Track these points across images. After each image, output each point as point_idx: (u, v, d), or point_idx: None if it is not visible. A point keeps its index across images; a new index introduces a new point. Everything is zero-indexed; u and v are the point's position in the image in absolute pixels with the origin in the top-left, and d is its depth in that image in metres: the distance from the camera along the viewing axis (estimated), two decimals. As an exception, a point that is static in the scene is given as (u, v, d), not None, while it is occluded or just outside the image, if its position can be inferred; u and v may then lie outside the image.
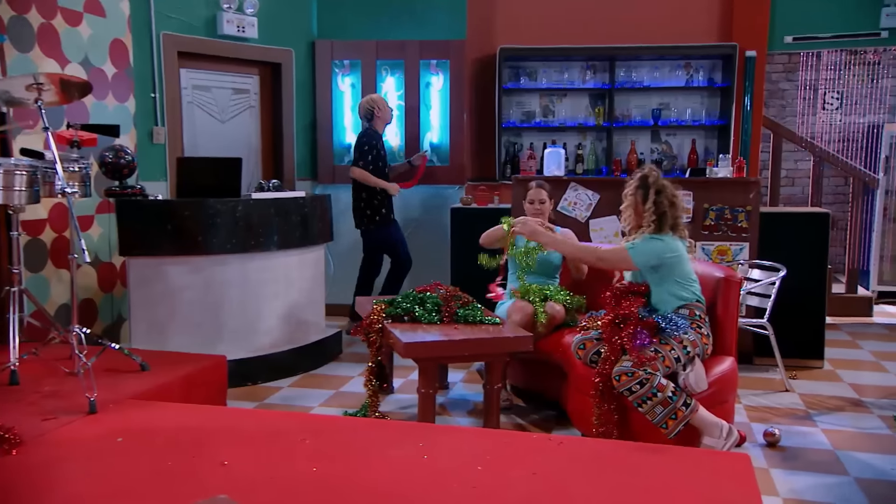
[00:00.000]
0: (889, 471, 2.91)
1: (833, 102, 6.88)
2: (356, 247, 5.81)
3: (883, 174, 6.34)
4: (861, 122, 6.85)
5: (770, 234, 4.40)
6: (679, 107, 5.88)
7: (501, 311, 3.70)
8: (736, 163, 4.47)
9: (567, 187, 4.53)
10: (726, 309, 3.18)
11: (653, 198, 3.07)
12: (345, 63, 5.73)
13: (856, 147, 6.80)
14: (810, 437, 3.29)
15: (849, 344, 5.00)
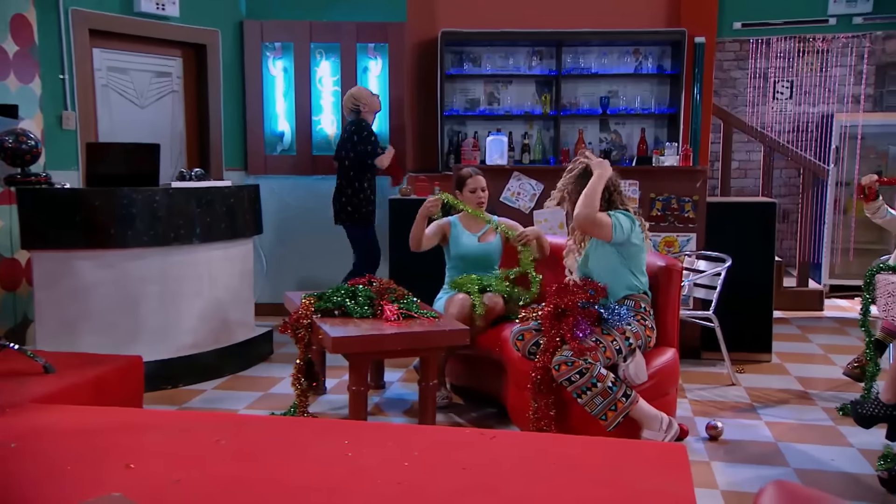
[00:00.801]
0: (829, 461, 3.05)
1: (784, 91, 7.15)
2: (292, 242, 5.78)
3: (833, 165, 6.62)
4: (812, 111, 7.14)
5: (717, 224, 4.55)
6: (628, 95, 6.02)
7: (439, 304, 3.74)
8: (682, 151, 4.59)
9: (510, 177, 4.60)
10: (667, 299, 3.28)
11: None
12: (276, 45, 5.68)
13: (807, 137, 7.08)
14: (753, 429, 3.42)
15: (798, 338, 5.20)
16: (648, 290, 3.21)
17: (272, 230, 5.67)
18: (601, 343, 2.96)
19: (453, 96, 6.00)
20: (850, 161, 6.63)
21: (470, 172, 3.91)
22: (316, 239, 5.70)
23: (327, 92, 5.65)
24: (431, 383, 3.21)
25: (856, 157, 6.61)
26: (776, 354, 4.69)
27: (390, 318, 3.23)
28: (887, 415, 2.91)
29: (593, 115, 5.99)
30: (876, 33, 6.69)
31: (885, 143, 6.68)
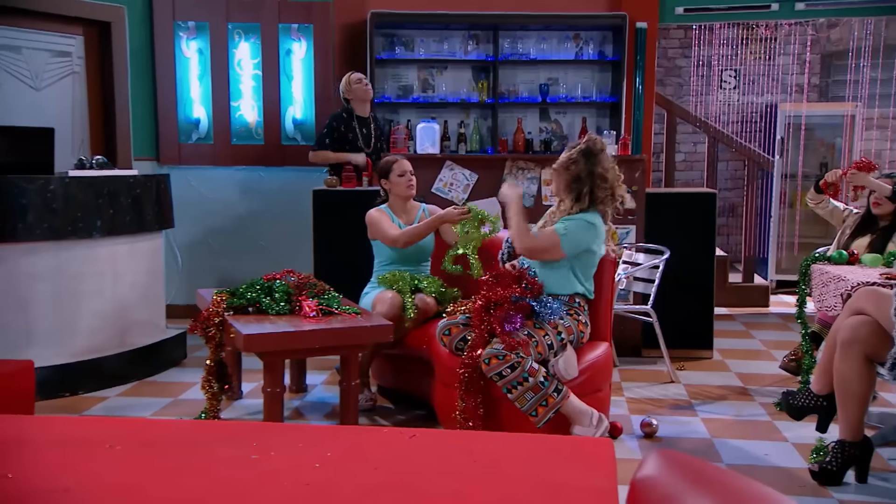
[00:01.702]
0: (762, 457, 3.19)
1: (730, 81, 7.41)
2: (211, 238, 5.70)
3: (779, 156, 6.89)
4: (758, 101, 7.42)
5: (658, 216, 4.69)
6: (569, 82, 6.15)
7: (365, 300, 3.76)
8: (621, 140, 4.72)
9: (442, 166, 4.65)
10: (600, 291, 3.37)
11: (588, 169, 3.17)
12: (189, 25, 5.60)
13: (753, 128, 7.36)
14: (689, 426, 3.55)
15: (742, 334, 5.40)
16: (592, 293, 3.29)
17: (188, 225, 5.59)
18: (533, 337, 3.02)
19: (385, 82, 6.02)
20: (795, 153, 6.91)
21: (395, 157, 3.95)
22: (238, 234, 5.65)
23: (247, 76, 5.60)
24: (353, 383, 3.23)
25: (800, 149, 6.89)
26: (718, 351, 4.86)
27: (309, 314, 3.23)
28: (817, 405, 3.06)
29: (533, 103, 6.09)
30: (819, 20, 6.99)
31: (831, 135, 6.98)
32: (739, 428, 3.53)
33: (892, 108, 6.52)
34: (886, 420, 3.46)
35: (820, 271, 3.48)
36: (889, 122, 6.59)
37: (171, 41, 5.55)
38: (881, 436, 3.30)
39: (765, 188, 7.04)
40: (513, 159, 4.65)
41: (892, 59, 6.30)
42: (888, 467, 3.06)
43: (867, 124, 6.94)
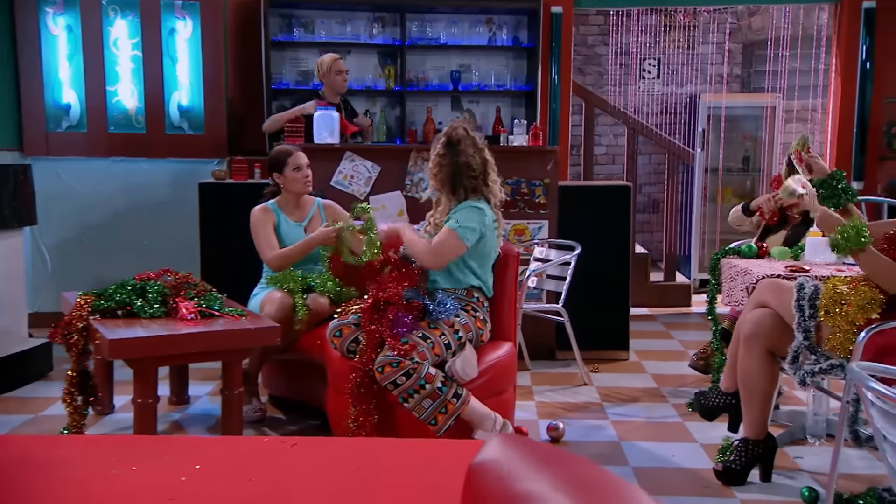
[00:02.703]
0: (670, 458, 3.33)
1: (651, 70, 7.67)
2: (86, 236, 5.53)
3: (700, 150, 7.17)
4: (680, 92, 7.70)
5: (571, 211, 4.82)
6: (482, 69, 6.25)
7: (254, 303, 3.73)
8: (532, 130, 4.83)
9: (342, 157, 4.66)
10: (503, 287, 3.44)
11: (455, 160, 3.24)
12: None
13: (676, 120, 7.64)
14: (598, 429, 3.67)
15: (661, 335, 5.60)
16: (490, 289, 3.36)
17: (59, 223, 5.41)
18: (428, 338, 3.06)
19: (282, 67, 5.98)
20: (717, 146, 7.21)
21: (291, 149, 3.93)
22: (118, 233, 5.50)
23: (125, 57, 5.47)
24: (236, 392, 3.21)
25: (720, 142, 7.19)
26: (635, 352, 5.02)
27: (186, 316, 3.19)
28: (727, 404, 3.21)
29: (444, 91, 6.17)
30: (739, 7, 7.31)
31: (754, 127, 7.31)
32: (649, 430, 3.66)
33: (811, 99, 6.87)
34: (796, 418, 3.65)
35: (729, 265, 3.65)
36: (809, 115, 6.95)
37: (35, 17, 5.36)
38: (789, 434, 3.48)
39: (687, 183, 7.31)
40: (417, 150, 4.70)
41: (811, 49, 6.65)
42: (794, 465, 3.23)
43: (789, 116, 7.30)
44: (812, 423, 3.45)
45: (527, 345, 4.64)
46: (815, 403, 3.44)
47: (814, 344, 2.86)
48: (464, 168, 3.25)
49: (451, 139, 3.28)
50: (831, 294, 2.83)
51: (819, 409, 3.44)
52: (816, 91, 6.68)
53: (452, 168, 3.25)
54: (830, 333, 2.83)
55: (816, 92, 6.67)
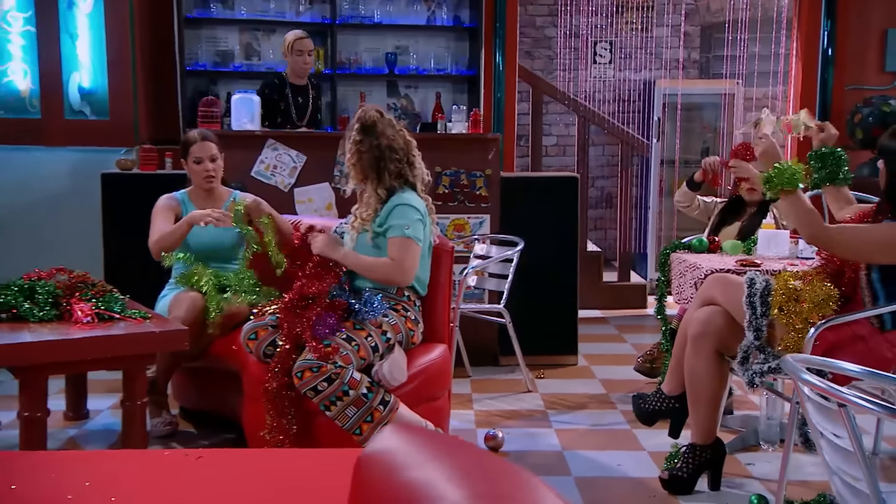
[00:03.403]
0: (615, 467, 3.39)
1: (604, 55, 7.78)
2: None
3: (656, 140, 7.29)
4: (635, 78, 7.82)
5: (515, 204, 4.86)
6: (420, 52, 6.26)
7: (162, 305, 3.69)
8: (472, 116, 4.86)
9: (263, 146, 4.62)
10: (436, 285, 3.45)
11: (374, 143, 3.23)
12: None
13: (631, 108, 7.75)
14: (540, 438, 3.72)
15: (613, 338, 5.69)
16: (425, 287, 3.37)
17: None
18: (353, 340, 3.06)
19: (198, 47, 5.92)
20: (674, 136, 7.34)
21: (196, 136, 3.87)
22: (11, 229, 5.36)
23: (16, 33, 5.34)
24: (139, 403, 3.16)
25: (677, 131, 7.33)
26: (584, 357, 5.09)
27: (81, 319, 3.13)
28: (668, 408, 3.27)
29: (378, 74, 6.17)
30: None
31: (713, 116, 7.47)
32: (595, 438, 3.72)
33: (770, 86, 7.05)
34: (749, 423, 3.74)
35: (678, 260, 3.73)
36: (769, 102, 7.12)
37: None
38: (741, 440, 3.56)
39: (643, 176, 7.43)
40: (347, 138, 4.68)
41: (771, 33, 6.82)
42: (746, 473, 3.31)
43: (749, 104, 7.47)
44: (765, 427, 3.53)
45: (467, 350, 4.67)
46: (768, 407, 3.53)
47: (765, 343, 2.92)
48: (387, 151, 3.24)
49: (366, 122, 3.26)
50: (784, 290, 2.90)
51: (773, 413, 3.53)
52: (777, 77, 6.85)
53: (374, 154, 3.23)
54: (784, 333, 2.90)
55: (777, 78, 6.85)
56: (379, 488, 0.99)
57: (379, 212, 3.23)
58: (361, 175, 3.28)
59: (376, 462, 1.04)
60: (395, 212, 3.21)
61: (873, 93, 5.85)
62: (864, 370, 1.80)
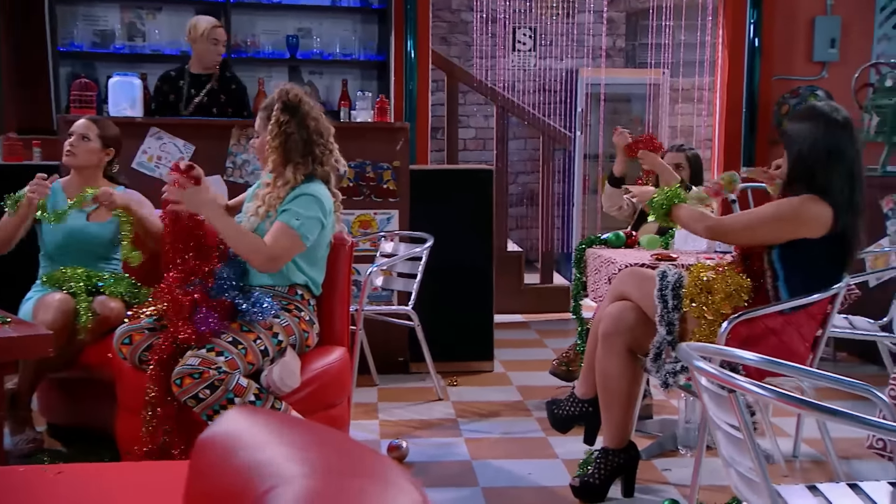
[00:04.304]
0: (525, 476, 3.45)
1: (526, 42, 7.89)
2: None
3: (580, 132, 7.43)
4: (559, 67, 7.95)
5: (426, 200, 4.88)
6: (324, 35, 6.26)
7: (26, 309, 3.60)
8: (377, 103, 4.87)
9: (146, 134, 4.56)
10: (335, 284, 3.46)
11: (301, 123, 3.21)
12: None
13: (555, 98, 7.88)
14: (449, 448, 3.76)
15: (533, 343, 5.77)
16: (319, 286, 3.36)
17: None
18: (240, 344, 3.04)
19: (74, 26, 5.81)
20: (598, 128, 7.49)
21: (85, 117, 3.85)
22: None
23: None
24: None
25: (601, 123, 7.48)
26: (501, 363, 5.16)
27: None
28: (583, 412, 3.34)
29: (279, 59, 6.15)
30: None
31: (640, 107, 7.65)
32: (506, 446, 3.77)
33: (697, 77, 7.25)
34: (667, 427, 3.84)
35: (594, 256, 3.81)
36: (696, 94, 7.33)
37: None
38: (659, 445, 3.66)
39: (567, 171, 7.56)
40: (241, 126, 4.65)
41: (698, 21, 7.01)
42: (662, 479, 3.40)
43: (676, 95, 7.67)
44: (683, 431, 3.63)
45: (375, 356, 4.67)
46: (687, 410, 3.63)
47: (678, 339, 3.01)
48: (314, 135, 3.24)
49: (289, 102, 3.23)
50: (696, 282, 3.00)
51: (692, 416, 3.63)
52: (704, 67, 7.05)
53: (301, 135, 3.21)
54: (696, 326, 2.99)
55: (704, 68, 7.05)
56: (215, 472, 0.99)
57: (286, 201, 3.21)
58: (284, 158, 3.22)
59: (215, 445, 1.05)
60: (298, 200, 3.19)
61: (801, 83, 6.07)
62: (760, 358, 1.87)
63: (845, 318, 3.96)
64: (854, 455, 3.51)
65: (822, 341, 3.03)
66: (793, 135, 2.99)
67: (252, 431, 1.00)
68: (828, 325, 3.01)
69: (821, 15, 6.12)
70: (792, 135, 2.99)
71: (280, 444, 0.95)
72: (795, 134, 2.97)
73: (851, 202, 2.90)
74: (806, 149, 2.91)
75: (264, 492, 0.86)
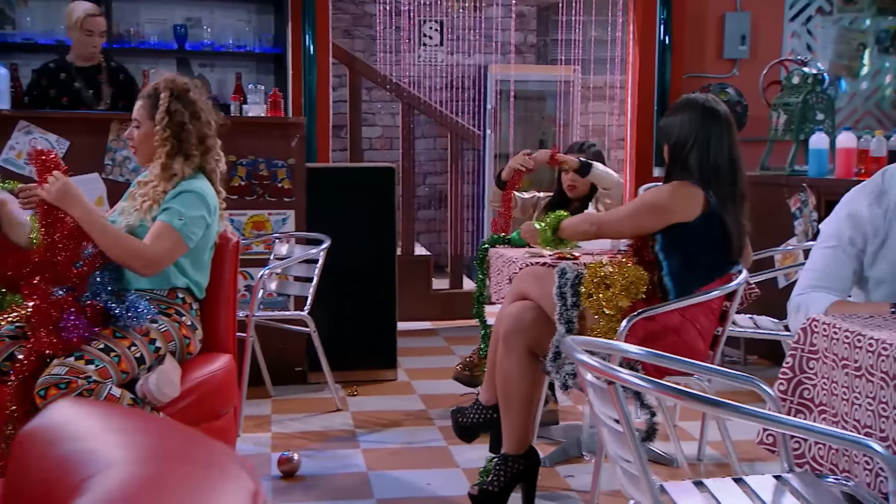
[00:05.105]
0: (423, 487, 3.49)
1: (433, 36, 7.94)
2: None
3: (490, 131, 7.51)
4: (469, 62, 8.02)
5: (325, 200, 4.87)
6: (216, 25, 6.19)
7: None
8: (270, 97, 4.85)
9: (14, 128, 4.46)
10: (220, 286, 3.41)
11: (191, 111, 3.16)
12: None
13: (465, 96, 7.93)
14: (345, 460, 3.78)
15: (440, 351, 5.81)
16: (203, 290, 3.32)
17: None
18: (113, 351, 2.98)
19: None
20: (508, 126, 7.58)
21: None
22: None
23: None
24: None
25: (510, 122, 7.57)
26: (406, 371, 5.18)
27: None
28: (488, 419, 3.37)
29: (166, 50, 6.07)
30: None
31: (552, 105, 7.76)
32: (405, 457, 3.80)
33: (608, 75, 7.40)
34: (572, 433, 3.90)
35: (496, 256, 3.85)
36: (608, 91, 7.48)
37: None
38: (563, 451, 3.72)
39: (477, 171, 7.62)
40: (121, 120, 4.57)
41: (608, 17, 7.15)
42: (565, 485, 3.46)
43: (588, 93, 7.80)
44: (588, 437, 3.70)
45: (270, 366, 4.64)
46: (592, 415, 3.68)
47: (577, 338, 3.07)
48: (205, 126, 3.22)
49: (178, 88, 3.19)
50: (594, 277, 3.06)
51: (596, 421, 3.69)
52: (615, 65, 7.19)
53: (194, 127, 3.18)
54: (594, 323, 3.05)
55: (615, 66, 7.19)
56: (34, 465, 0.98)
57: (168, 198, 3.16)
58: (175, 150, 3.16)
59: (36, 438, 1.03)
60: (181, 197, 3.14)
61: (712, 80, 6.24)
62: (646, 351, 1.92)
63: (750, 317, 4.08)
64: (758, 457, 3.62)
65: (722, 339, 3.11)
66: (665, 127, 3.20)
67: (77, 421, 0.99)
68: (727, 323, 3.09)
69: (730, 11, 6.29)
70: (665, 127, 3.20)
71: (106, 433, 0.94)
72: (668, 126, 3.17)
73: (734, 193, 3.08)
74: (675, 137, 3.11)
75: (81, 480, 0.84)
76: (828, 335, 1.96)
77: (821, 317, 2.03)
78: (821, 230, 2.52)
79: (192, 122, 3.20)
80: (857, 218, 2.42)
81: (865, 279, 2.43)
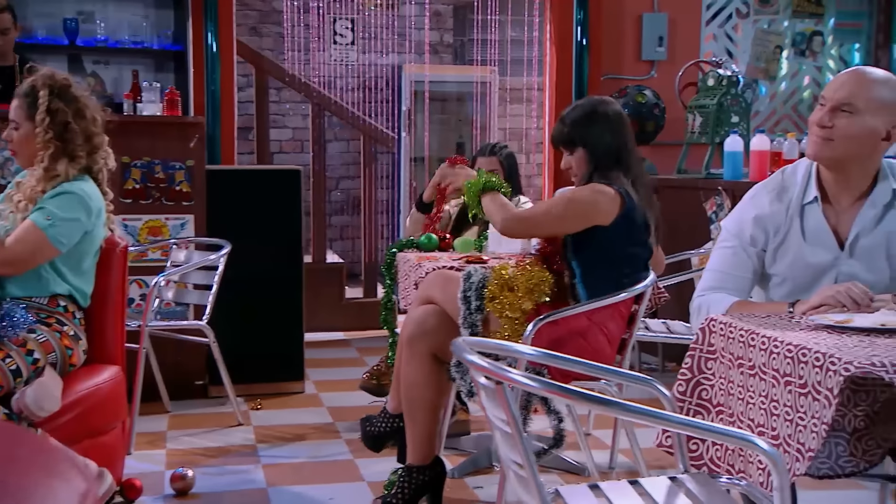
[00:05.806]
0: (326, 501, 3.47)
1: (345, 34, 7.92)
2: None
3: (405, 133, 7.51)
4: (383, 62, 8.01)
5: (227, 204, 4.81)
6: (110, 19, 6.09)
7: None
8: (166, 95, 4.78)
9: None
10: (106, 293, 3.36)
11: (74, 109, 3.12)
12: None
13: (379, 97, 7.93)
14: (244, 476, 3.74)
15: (352, 362, 5.78)
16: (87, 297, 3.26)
17: None
18: (-13, 363, 2.92)
19: None
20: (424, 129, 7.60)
21: None
22: None
23: None
24: None
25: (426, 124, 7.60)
26: (314, 383, 5.14)
27: None
28: (394, 428, 3.36)
29: (56, 46, 5.95)
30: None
31: (468, 107, 7.79)
32: (308, 471, 3.78)
33: (525, 76, 7.45)
34: (482, 443, 3.91)
35: (404, 260, 3.85)
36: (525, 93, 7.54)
37: None
38: (472, 461, 3.73)
39: (393, 176, 7.62)
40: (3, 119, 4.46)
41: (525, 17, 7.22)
42: (473, 497, 3.48)
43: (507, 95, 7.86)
44: (498, 447, 3.70)
45: (167, 380, 4.56)
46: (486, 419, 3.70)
47: (482, 343, 3.08)
48: (90, 123, 3.18)
49: (56, 85, 3.15)
50: (498, 280, 3.08)
51: (508, 430, 3.70)
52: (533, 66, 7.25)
53: (79, 126, 3.14)
54: (499, 327, 3.07)
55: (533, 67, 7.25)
56: None
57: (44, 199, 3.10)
58: (59, 152, 3.12)
59: None
60: (57, 198, 3.09)
61: (630, 82, 6.31)
62: (539, 352, 1.93)
63: (663, 322, 4.14)
64: (669, 464, 3.65)
65: (630, 343, 3.16)
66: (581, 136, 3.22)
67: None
68: (634, 327, 3.14)
69: (647, 12, 6.39)
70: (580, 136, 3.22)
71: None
72: (584, 135, 3.21)
73: (643, 183, 3.21)
74: (594, 146, 3.18)
75: None
76: (724, 335, 2.00)
77: (718, 316, 2.07)
78: (722, 227, 2.58)
79: (77, 121, 3.17)
80: (760, 215, 2.49)
81: (767, 277, 2.49)
